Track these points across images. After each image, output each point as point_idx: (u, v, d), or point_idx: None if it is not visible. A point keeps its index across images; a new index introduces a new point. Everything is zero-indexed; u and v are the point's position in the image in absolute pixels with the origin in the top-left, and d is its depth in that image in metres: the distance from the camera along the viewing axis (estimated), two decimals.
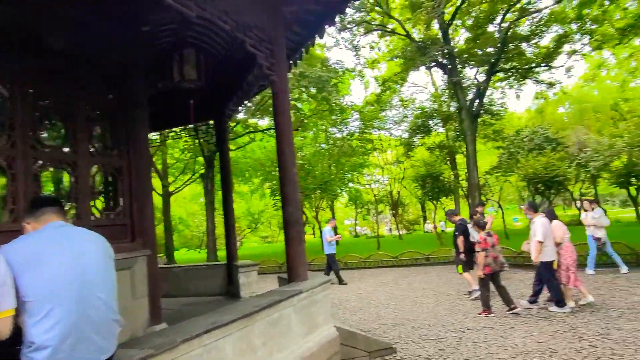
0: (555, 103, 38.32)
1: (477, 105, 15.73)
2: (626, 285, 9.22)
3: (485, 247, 7.80)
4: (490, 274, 7.79)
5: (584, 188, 29.18)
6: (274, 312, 4.14)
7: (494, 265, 7.79)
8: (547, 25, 16.95)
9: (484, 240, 7.85)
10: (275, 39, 5.40)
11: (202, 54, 7.13)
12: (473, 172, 15.17)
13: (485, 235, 7.96)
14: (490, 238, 7.93)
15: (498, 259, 7.89)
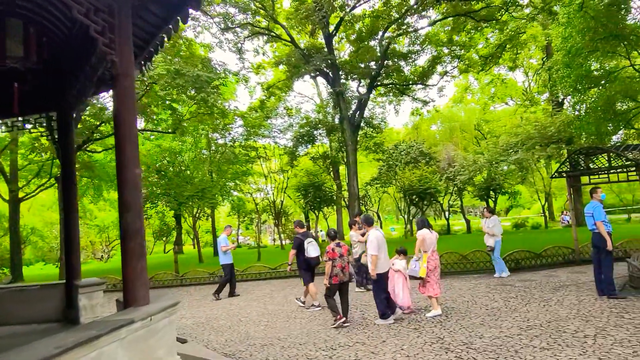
0: (429, 121, 41.50)
1: (358, 116, 15.93)
2: (485, 292, 9.71)
3: (332, 257, 7.82)
4: (337, 284, 7.83)
5: (451, 200, 31.72)
6: (89, 350, 3.19)
7: (342, 275, 7.82)
8: (422, 45, 17.99)
9: (332, 250, 7.88)
10: (118, 11, 4.46)
11: (34, 27, 5.84)
12: (353, 181, 15.26)
13: (333, 245, 7.99)
14: (339, 248, 7.96)
15: (346, 269, 7.93)
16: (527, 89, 33.79)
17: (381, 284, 7.88)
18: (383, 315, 7.86)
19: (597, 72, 17.99)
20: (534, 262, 12.81)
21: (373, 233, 7.91)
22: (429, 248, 8.19)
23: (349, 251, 8.28)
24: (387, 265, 7.89)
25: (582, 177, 13.23)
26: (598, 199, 8.73)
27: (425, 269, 7.93)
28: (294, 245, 10.10)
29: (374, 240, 7.76)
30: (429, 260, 8.07)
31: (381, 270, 7.80)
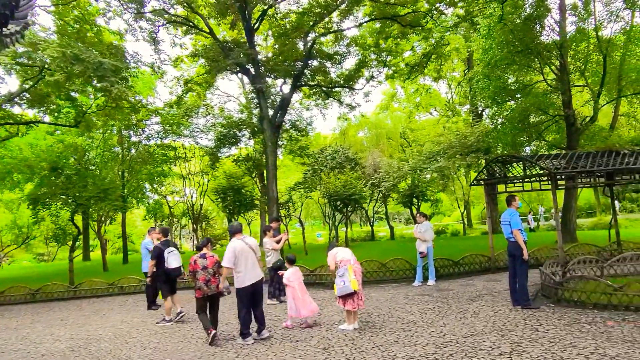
0: (357, 127, 41.72)
1: (280, 116, 15.08)
2: (403, 303, 9.21)
3: (193, 270, 7.23)
4: (201, 297, 7.26)
5: (376, 207, 31.82)
6: None
7: (206, 289, 7.20)
8: (348, 47, 17.56)
9: (194, 262, 7.28)
10: None
11: None
12: (272, 185, 14.35)
13: (197, 256, 7.38)
14: (203, 260, 7.33)
15: (212, 282, 7.26)
16: (450, 100, 34.95)
17: (242, 299, 7.05)
18: (242, 334, 7.12)
19: (514, 85, 18.58)
20: (452, 270, 12.64)
21: (232, 243, 7.12)
22: (347, 259, 7.51)
23: (218, 263, 7.41)
24: (250, 279, 7.00)
25: (499, 186, 13.34)
26: (515, 206, 8.54)
27: (355, 280, 7.18)
28: (152, 255, 9.35)
29: (231, 251, 6.99)
30: (354, 271, 7.35)
31: (242, 284, 6.97)
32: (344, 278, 7.17)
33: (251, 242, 7.36)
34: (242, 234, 7.41)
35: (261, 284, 7.23)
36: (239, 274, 6.99)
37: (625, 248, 13.16)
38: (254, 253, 7.23)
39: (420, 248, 11.49)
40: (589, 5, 17.30)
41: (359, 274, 7.43)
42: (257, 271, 7.17)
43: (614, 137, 15.47)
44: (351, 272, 7.19)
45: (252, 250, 7.20)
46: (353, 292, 7.08)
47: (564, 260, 10.45)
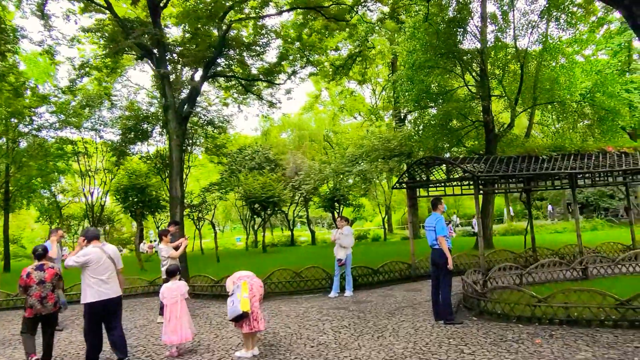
0: (279, 128, 40.54)
1: (187, 107, 13.42)
2: (316, 319, 8.07)
3: (26, 285, 5.81)
4: (31, 317, 5.81)
5: (297, 210, 30.76)
6: None
7: (40, 307, 5.75)
8: (267, 36, 16.28)
9: (27, 276, 5.84)
10: None
11: None
12: (176, 183, 12.66)
13: (31, 268, 5.93)
14: (40, 272, 5.88)
15: (49, 299, 5.82)
16: (374, 105, 34.89)
17: (90, 318, 5.59)
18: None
19: (436, 89, 18.41)
20: (371, 279, 11.78)
21: (86, 249, 5.74)
22: (245, 275, 6.23)
23: (59, 275, 5.95)
24: (102, 294, 5.56)
25: (421, 190, 12.79)
26: (441, 210, 7.76)
27: (246, 299, 5.79)
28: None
29: (82, 255, 5.59)
30: (250, 287, 6.01)
31: (91, 299, 5.52)
32: (233, 297, 5.84)
33: (111, 250, 5.88)
34: (101, 241, 5.91)
35: (117, 301, 5.74)
36: (88, 287, 5.51)
37: (540, 254, 13.15)
38: (114, 264, 5.76)
39: (339, 255, 10.48)
40: (507, 16, 17.54)
41: (258, 291, 6.12)
42: (112, 286, 5.71)
43: (529, 144, 15.65)
44: (245, 289, 5.86)
45: (110, 260, 5.72)
46: (243, 313, 5.73)
47: (485, 268, 9.95)
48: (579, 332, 6.36)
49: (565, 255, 13.24)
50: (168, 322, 6.29)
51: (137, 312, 10.05)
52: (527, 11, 16.97)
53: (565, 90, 15.54)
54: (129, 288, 12.28)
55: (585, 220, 28.81)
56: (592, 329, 6.53)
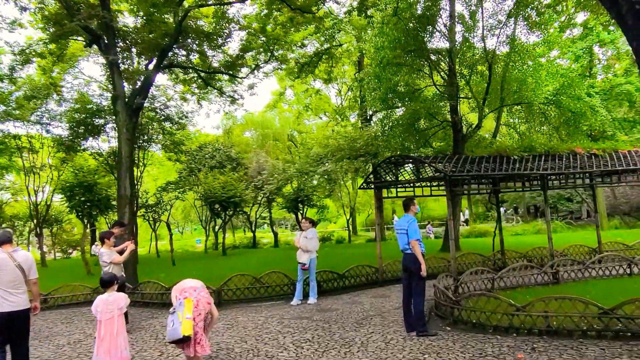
0: (242, 127, 39.38)
1: (139, 98, 12.31)
2: (276, 331, 7.28)
3: None
4: None
5: (260, 211, 29.76)
6: None
7: None
8: (228, 24, 15.32)
9: None
10: None
11: None
12: (125, 181, 11.54)
13: None
14: None
15: None
16: (340, 105, 34.33)
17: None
18: None
19: (404, 88, 17.96)
20: (337, 284, 11.09)
21: None
22: (191, 287, 5.32)
23: None
24: (5, 305, 4.69)
25: (390, 190, 12.22)
26: (414, 212, 7.13)
27: (189, 321, 4.87)
28: None
29: None
30: (195, 305, 5.10)
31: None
32: (174, 317, 4.94)
33: (22, 258, 4.92)
34: (13, 245, 4.93)
35: (24, 315, 4.81)
36: None
37: (508, 257, 12.86)
38: (23, 273, 4.81)
39: (302, 259, 9.72)
40: (475, 16, 17.31)
41: (204, 308, 5.16)
42: (18, 298, 4.78)
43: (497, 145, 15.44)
44: (188, 308, 4.95)
45: (19, 268, 4.77)
46: (184, 337, 4.85)
47: (457, 272, 9.45)
48: (562, 345, 5.86)
49: (533, 258, 13.00)
50: (101, 342, 5.32)
51: (75, 324, 8.93)
52: (496, 12, 16.79)
53: (532, 92, 15.41)
54: (69, 296, 11.07)
55: (544, 222, 29.26)
56: (575, 340, 6.06)
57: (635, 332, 5.89)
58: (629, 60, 20.66)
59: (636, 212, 26.81)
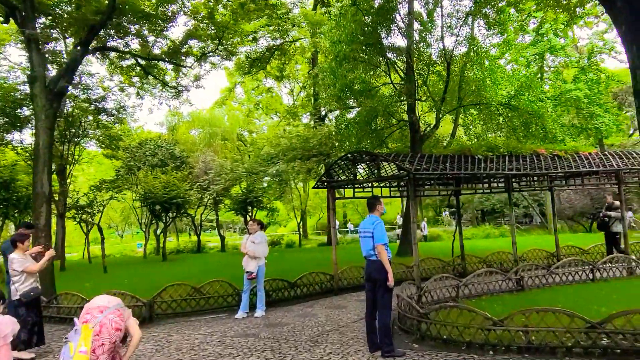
0: (189, 125, 37.39)
1: (63, 82, 10.66)
2: (215, 353, 6.08)
3: None
4: None
5: (206, 214, 28.08)
6: None
7: None
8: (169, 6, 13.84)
9: None
10: None
11: None
12: (43, 176, 9.90)
13: None
14: None
15: None
16: (293, 104, 33.21)
17: None
18: None
19: (360, 85, 17.21)
20: (287, 293, 9.99)
21: None
22: (96, 307, 4.01)
23: None
24: None
25: (346, 191, 11.32)
26: (380, 212, 6.18)
27: (83, 356, 3.56)
28: None
29: None
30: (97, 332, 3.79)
31: None
32: (65, 349, 3.67)
33: None
34: None
35: None
36: None
37: (468, 262, 12.30)
38: None
39: (249, 267, 8.56)
40: (432, 15, 16.88)
41: (111, 336, 3.83)
42: None
43: (454, 145, 14.99)
44: (85, 338, 3.66)
45: None
46: None
47: (420, 280, 8.64)
48: None
49: (493, 263, 12.51)
50: None
51: None
52: (452, 13, 16.40)
53: (491, 92, 15.10)
54: None
55: (494, 227, 29.59)
56: (559, 358, 5.33)
57: (626, 349, 5.23)
58: (577, 67, 21.09)
59: (579, 217, 27.60)
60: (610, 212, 11.90)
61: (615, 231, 11.82)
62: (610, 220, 11.84)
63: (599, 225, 12.35)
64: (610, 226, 11.89)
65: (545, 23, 20.52)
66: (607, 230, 11.99)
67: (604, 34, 25.22)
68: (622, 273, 10.37)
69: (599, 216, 12.46)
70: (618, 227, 11.72)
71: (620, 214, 11.47)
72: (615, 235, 11.90)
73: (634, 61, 5.57)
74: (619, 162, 10.59)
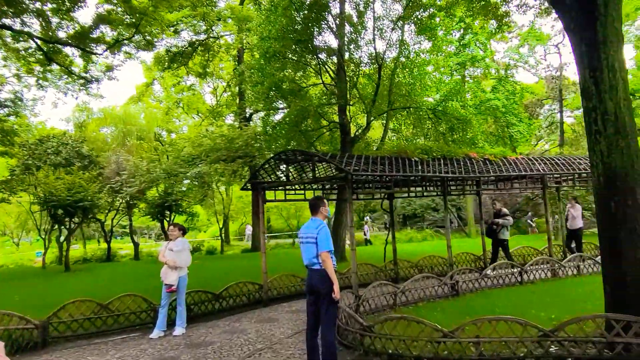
0: (100, 122, 34.34)
1: None
2: None
3: None
4: None
5: (117, 218, 25.70)
6: None
7: None
8: None
9: None
10: None
11: None
12: None
13: None
14: None
15: None
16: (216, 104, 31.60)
17: None
18: None
19: (289, 85, 16.54)
20: (212, 306, 8.98)
21: None
22: None
23: None
24: None
25: (276, 193, 10.53)
26: (325, 215, 5.49)
27: None
28: None
29: None
30: None
31: None
32: None
33: None
34: None
35: None
36: None
37: (400, 267, 12.05)
38: None
39: (168, 278, 7.48)
40: (362, 17, 16.71)
41: None
42: None
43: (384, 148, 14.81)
44: None
45: None
46: None
47: (357, 288, 8.09)
48: None
49: (424, 267, 12.38)
50: None
51: None
52: (382, 15, 16.33)
53: (420, 97, 15.16)
54: None
55: (416, 231, 30.31)
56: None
57: (578, 357, 5.00)
58: (496, 78, 22.15)
59: None
60: (498, 219, 11.58)
61: (502, 238, 11.56)
62: (498, 227, 11.52)
63: (487, 232, 11.82)
64: (498, 233, 11.57)
65: (467, 34, 21.31)
66: (495, 237, 11.66)
67: (519, 48, 27.00)
68: (547, 275, 10.62)
69: (488, 223, 11.87)
70: (505, 234, 11.55)
71: (507, 220, 11.45)
72: (503, 242, 11.62)
73: (582, 60, 5.48)
74: (544, 167, 10.91)
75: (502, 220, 11.55)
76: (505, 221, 11.53)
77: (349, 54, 16.53)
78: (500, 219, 11.60)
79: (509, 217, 11.69)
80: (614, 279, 5.21)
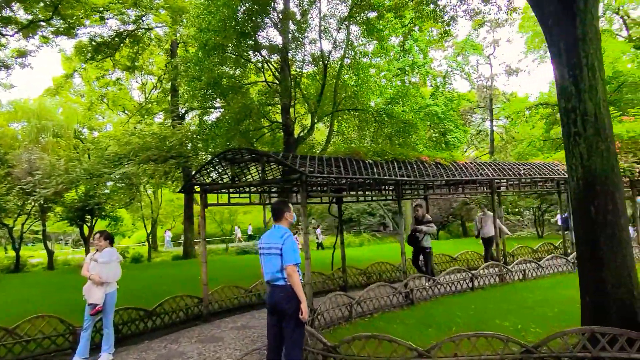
0: (10, 116, 30.81)
1: None
2: None
3: None
4: None
5: (29, 223, 22.98)
6: None
7: None
8: None
9: None
10: None
11: None
12: None
13: None
14: None
15: None
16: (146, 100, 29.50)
17: None
18: None
19: (229, 82, 15.55)
20: (144, 325, 7.87)
21: None
22: None
23: None
24: None
25: (215, 196, 9.59)
26: (290, 221, 4.74)
27: None
28: None
29: None
30: None
31: None
32: None
33: None
34: None
35: None
36: None
37: (349, 275, 11.53)
38: None
39: (93, 297, 6.32)
40: (306, 16, 16.16)
41: None
42: None
43: (329, 151, 14.32)
44: None
45: None
46: None
47: (311, 300, 7.40)
48: None
49: (373, 274, 11.97)
50: None
51: None
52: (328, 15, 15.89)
53: (366, 99, 14.85)
54: None
55: (354, 235, 30.19)
56: None
57: None
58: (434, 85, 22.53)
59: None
60: (421, 226, 10.45)
61: (425, 246, 10.57)
62: (420, 235, 10.43)
63: (409, 240, 10.72)
64: (421, 241, 10.52)
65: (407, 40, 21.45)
66: (417, 244, 10.59)
67: (456, 56, 27.88)
68: (495, 280, 10.58)
69: (410, 231, 10.62)
70: (428, 241, 10.61)
71: (431, 227, 10.50)
72: (425, 250, 10.61)
73: (560, 58, 5.24)
74: (492, 172, 10.91)
75: (425, 228, 10.42)
76: (429, 228, 10.48)
77: (292, 52, 15.90)
78: (423, 226, 10.45)
79: (432, 224, 10.70)
80: (594, 286, 4.98)
